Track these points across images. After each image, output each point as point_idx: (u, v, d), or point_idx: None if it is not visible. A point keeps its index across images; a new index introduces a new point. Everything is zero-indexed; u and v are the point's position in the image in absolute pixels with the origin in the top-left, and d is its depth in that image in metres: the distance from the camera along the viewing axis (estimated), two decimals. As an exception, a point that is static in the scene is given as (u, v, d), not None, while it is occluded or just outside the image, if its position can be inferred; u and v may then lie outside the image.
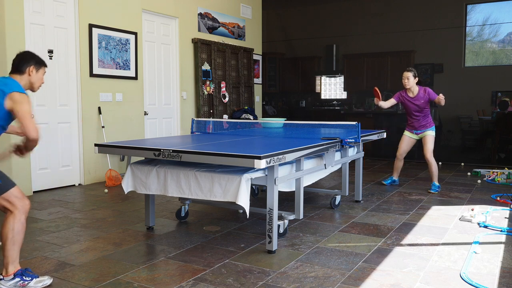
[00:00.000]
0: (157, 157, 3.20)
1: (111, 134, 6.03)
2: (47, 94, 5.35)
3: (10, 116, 2.63)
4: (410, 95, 5.30)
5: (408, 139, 5.54)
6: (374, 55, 8.89)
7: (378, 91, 5.27)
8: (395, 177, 5.79)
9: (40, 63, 2.83)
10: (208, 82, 7.56)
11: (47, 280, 2.64)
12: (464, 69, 8.19)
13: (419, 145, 5.82)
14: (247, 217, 4.05)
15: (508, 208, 4.49)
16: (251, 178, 3.06)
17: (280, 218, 3.51)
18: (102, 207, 4.58)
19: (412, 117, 5.40)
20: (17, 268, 2.58)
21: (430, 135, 5.35)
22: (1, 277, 2.55)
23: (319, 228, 3.80)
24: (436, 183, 5.38)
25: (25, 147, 2.74)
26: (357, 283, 2.67)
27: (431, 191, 5.34)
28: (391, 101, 5.43)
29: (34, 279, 2.60)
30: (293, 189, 3.59)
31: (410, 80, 5.21)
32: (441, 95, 5.13)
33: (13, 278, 2.55)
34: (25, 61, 2.77)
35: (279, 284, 2.65)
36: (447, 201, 4.86)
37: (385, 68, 8.75)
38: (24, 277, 2.57)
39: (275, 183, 3.08)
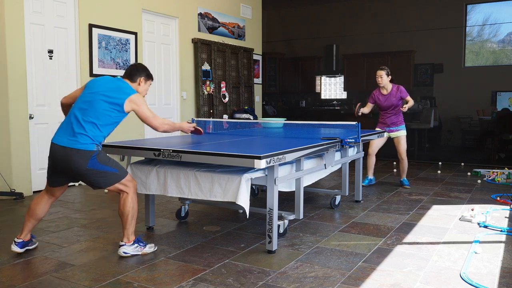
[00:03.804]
0: (157, 157, 3.20)
1: (111, 134, 6.02)
2: (47, 94, 5.35)
3: (127, 115, 3.12)
4: (384, 92, 5.45)
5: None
6: (374, 55, 8.90)
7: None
8: (370, 176, 5.77)
9: (149, 76, 3.28)
10: (208, 82, 7.55)
11: (154, 247, 3.21)
12: (464, 69, 8.20)
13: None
14: (247, 217, 4.05)
15: (508, 208, 4.49)
16: (251, 178, 3.06)
17: (280, 218, 3.51)
18: (102, 207, 4.58)
19: (386, 114, 5.53)
20: (134, 237, 3.14)
21: (403, 135, 5.52)
22: (123, 243, 3.07)
23: (319, 228, 3.80)
24: (405, 178, 5.70)
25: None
26: (357, 283, 2.67)
27: (407, 186, 5.58)
28: (369, 106, 5.61)
29: (147, 245, 3.17)
30: (293, 189, 3.59)
31: (383, 78, 5.38)
32: (410, 102, 5.38)
33: (133, 244, 3.09)
34: (138, 71, 3.23)
35: (279, 284, 2.65)
36: (447, 201, 4.87)
37: (385, 68, 8.74)
38: (140, 243, 3.13)
39: (275, 183, 3.08)
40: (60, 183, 3.13)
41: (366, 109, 5.58)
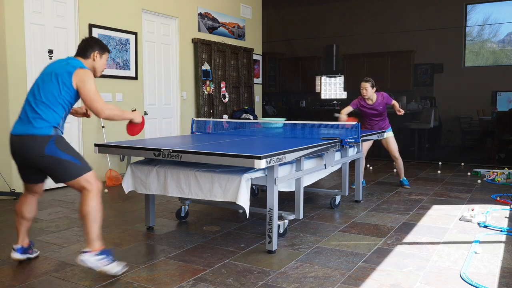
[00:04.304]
0: (157, 157, 3.19)
1: (111, 134, 6.03)
2: (47, 94, 5.35)
3: (76, 94, 2.77)
4: (369, 102, 5.42)
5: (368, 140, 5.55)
6: (374, 55, 8.90)
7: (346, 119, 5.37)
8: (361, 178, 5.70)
9: (103, 48, 2.94)
10: (208, 82, 7.56)
11: (124, 268, 2.78)
12: (464, 69, 8.19)
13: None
14: (247, 217, 4.05)
15: (508, 208, 4.49)
16: (251, 178, 3.06)
17: (280, 218, 3.51)
18: (102, 207, 4.57)
19: (372, 121, 5.51)
20: (103, 246, 2.72)
21: (391, 136, 5.54)
22: (88, 250, 2.67)
23: (319, 228, 3.80)
24: (404, 177, 5.70)
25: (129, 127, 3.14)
26: (357, 283, 2.67)
27: (407, 186, 5.59)
28: (348, 109, 5.51)
29: (115, 262, 2.74)
30: (293, 189, 3.59)
31: (368, 90, 5.31)
32: (396, 105, 5.36)
33: (99, 254, 2.67)
34: (90, 46, 2.89)
35: (279, 284, 2.65)
36: (447, 201, 4.86)
37: (385, 68, 8.75)
38: (108, 256, 2.71)
39: (275, 183, 3.08)
40: (34, 179, 2.89)
41: (346, 111, 5.41)
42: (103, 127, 5.91)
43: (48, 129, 2.68)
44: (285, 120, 5.09)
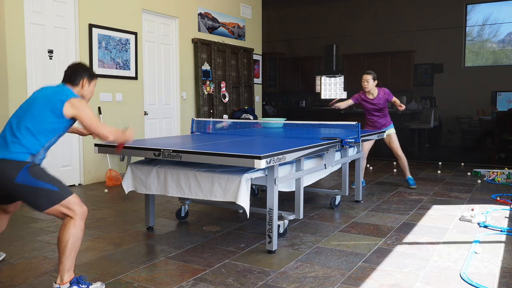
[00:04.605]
0: (157, 157, 3.20)
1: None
2: (47, 94, 5.35)
3: (70, 123, 2.66)
4: (370, 97, 5.36)
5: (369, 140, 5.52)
6: (374, 55, 8.90)
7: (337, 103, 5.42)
8: (361, 178, 5.61)
9: (92, 76, 2.82)
10: (208, 82, 7.56)
11: (101, 286, 2.56)
12: (464, 69, 8.20)
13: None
14: (247, 217, 4.05)
15: (508, 208, 4.49)
16: (251, 178, 3.06)
17: (280, 218, 3.51)
18: (102, 207, 4.58)
19: (373, 117, 5.46)
20: (72, 276, 2.47)
21: (393, 133, 5.49)
22: (57, 285, 2.42)
23: (319, 228, 3.80)
24: (410, 176, 5.62)
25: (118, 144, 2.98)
26: (357, 283, 2.67)
27: (412, 186, 5.54)
28: (348, 102, 5.48)
29: (90, 286, 2.51)
30: (293, 189, 3.59)
31: (369, 83, 5.27)
32: (397, 101, 5.33)
33: (69, 287, 2.44)
34: (79, 73, 2.77)
35: (279, 284, 2.65)
36: (447, 201, 4.87)
37: (385, 68, 8.75)
38: (80, 285, 2.47)
39: (275, 183, 3.08)
40: (6, 201, 2.72)
41: (343, 105, 5.43)
42: (103, 127, 5.90)
43: (23, 155, 2.45)
44: (285, 120, 5.09)
